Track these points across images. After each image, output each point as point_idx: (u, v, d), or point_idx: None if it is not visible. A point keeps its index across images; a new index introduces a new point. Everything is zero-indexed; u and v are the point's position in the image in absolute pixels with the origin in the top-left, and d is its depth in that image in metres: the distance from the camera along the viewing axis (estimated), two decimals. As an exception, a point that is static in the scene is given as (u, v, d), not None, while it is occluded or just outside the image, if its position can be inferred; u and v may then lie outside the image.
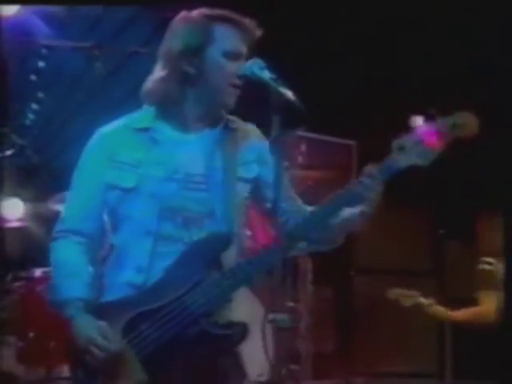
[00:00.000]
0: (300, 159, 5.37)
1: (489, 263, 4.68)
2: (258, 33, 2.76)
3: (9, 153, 5.26)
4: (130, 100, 2.85)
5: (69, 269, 2.69)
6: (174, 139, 2.76)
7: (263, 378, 4.23)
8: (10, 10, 5.52)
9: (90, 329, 2.58)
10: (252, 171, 2.78)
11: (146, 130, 2.75)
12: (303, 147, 5.45)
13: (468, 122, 2.67)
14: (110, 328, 2.58)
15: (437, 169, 2.79)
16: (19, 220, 6.63)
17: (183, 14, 2.78)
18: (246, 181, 2.76)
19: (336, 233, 2.78)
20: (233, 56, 2.72)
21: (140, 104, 2.82)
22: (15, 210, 6.76)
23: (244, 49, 2.74)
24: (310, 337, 4.85)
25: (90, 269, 2.72)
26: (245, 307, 4.23)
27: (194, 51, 2.70)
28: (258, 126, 2.86)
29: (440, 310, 4.88)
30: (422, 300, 4.83)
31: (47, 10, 6.58)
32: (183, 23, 2.77)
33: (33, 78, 6.80)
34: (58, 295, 2.68)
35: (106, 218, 2.76)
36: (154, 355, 2.57)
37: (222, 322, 2.64)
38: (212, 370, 2.64)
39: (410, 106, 2.88)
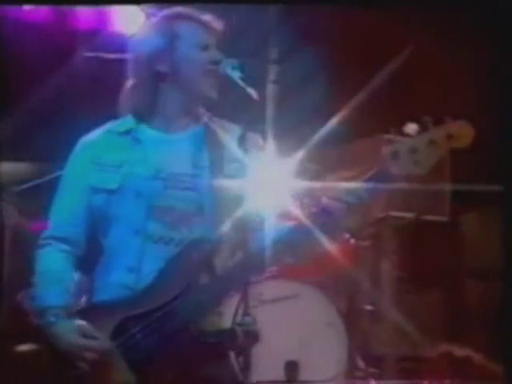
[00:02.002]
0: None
1: None
2: (219, 25, 2.82)
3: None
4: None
5: (51, 276, 2.71)
6: (156, 138, 2.79)
7: (337, 381, 4.27)
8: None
9: (68, 332, 2.58)
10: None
11: (128, 132, 2.80)
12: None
13: (463, 132, 2.62)
14: (99, 331, 2.57)
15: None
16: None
17: (145, 22, 2.91)
18: (236, 178, 2.72)
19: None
20: (202, 46, 2.77)
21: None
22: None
23: (210, 40, 2.80)
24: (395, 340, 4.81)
25: (73, 275, 2.75)
26: (318, 311, 4.34)
27: (163, 49, 2.76)
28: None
29: None
30: None
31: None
32: (146, 29, 2.87)
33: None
34: (39, 303, 2.69)
35: (94, 221, 2.76)
36: (143, 360, 2.56)
37: (212, 329, 2.63)
38: (202, 376, 2.62)
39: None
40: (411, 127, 2.68)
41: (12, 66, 6.92)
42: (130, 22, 5.86)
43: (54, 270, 2.72)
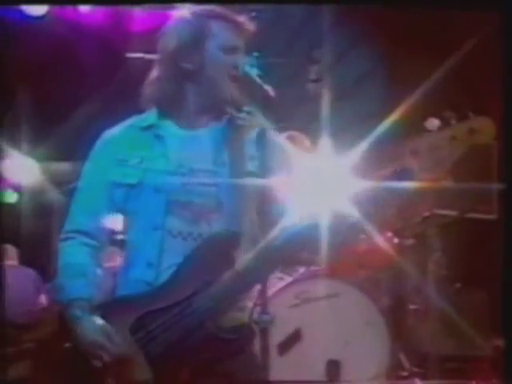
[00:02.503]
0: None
1: None
2: (252, 27, 2.79)
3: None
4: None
5: (75, 269, 2.73)
6: (177, 135, 2.78)
7: (379, 380, 4.23)
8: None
9: (94, 331, 2.61)
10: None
11: (150, 127, 2.79)
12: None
13: (485, 127, 2.57)
14: (118, 325, 2.60)
15: None
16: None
17: (176, 15, 2.85)
18: (256, 175, 2.70)
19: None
20: (230, 49, 2.75)
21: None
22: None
23: (240, 42, 2.77)
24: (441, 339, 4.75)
25: (97, 269, 2.77)
26: (359, 310, 4.32)
27: (191, 47, 2.74)
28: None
29: None
30: None
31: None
32: (176, 22, 2.83)
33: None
34: (64, 295, 2.71)
35: (116, 216, 2.79)
36: (161, 355, 2.57)
37: (230, 326, 2.61)
38: (218, 372, 2.62)
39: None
40: (432, 122, 2.65)
41: (65, 67, 7.06)
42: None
43: (77, 263, 2.74)
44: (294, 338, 4.26)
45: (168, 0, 5.81)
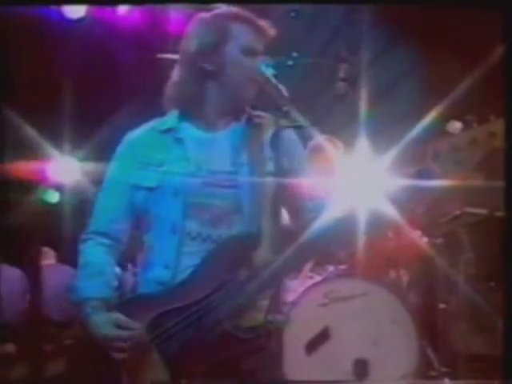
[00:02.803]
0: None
1: None
2: (273, 32, 2.81)
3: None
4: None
5: (91, 269, 2.78)
6: (197, 137, 2.81)
7: (407, 379, 4.24)
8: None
9: (104, 325, 2.65)
10: (282, 165, 2.72)
11: (169, 130, 2.82)
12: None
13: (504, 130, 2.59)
14: (137, 321, 2.62)
15: None
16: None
17: (197, 15, 2.86)
18: (276, 175, 2.70)
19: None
20: (250, 52, 2.77)
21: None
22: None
23: (260, 46, 2.79)
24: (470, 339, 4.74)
25: (114, 269, 2.82)
26: (387, 310, 4.33)
27: (211, 48, 2.77)
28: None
29: None
30: None
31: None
32: (197, 23, 2.85)
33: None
34: (77, 295, 2.76)
35: (136, 218, 2.82)
36: (177, 354, 2.59)
37: (247, 325, 2.61)
38: (234, 371, 2.62)
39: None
40: (454, 125, 2.67)
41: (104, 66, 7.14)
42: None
43: (94, 263, 2.79)
44: (323, 336, 4.29)
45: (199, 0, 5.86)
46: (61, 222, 7.99)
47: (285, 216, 2.84)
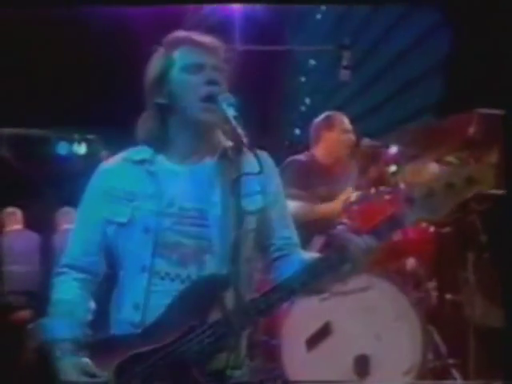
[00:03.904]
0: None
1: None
2: (220, 45, 2.76)
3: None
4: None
5: (63, 307, 2.72)
6: (169, 171, 2.75)
7: (411, 375, 4.17)
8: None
9: (71, 370, 2.61)
10: (256, 203, 2.73)
11: (142, 161, 2.76)
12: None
13: (485, 176, 2.45)
14: (104, 366, 2.58)
15: None
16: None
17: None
18: (251, 213, 2.68)
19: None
20: (194, 68, 2.70)
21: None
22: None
23: (206, 59, 2.71)
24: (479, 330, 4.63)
25: (87, 305, 2.76)
26: (389, 304, 4.24)
27: (159, 81, 2.73)
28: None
29: None
30: None
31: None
32: (152, 56, 2.80)
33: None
34: (47, 334, 2.71)
35: (109, 253, 2.77)
36: None
37: (215, 371, 2.58)
38: None
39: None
40: (432, 167, 2.58)
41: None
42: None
43: (65, 300, 2.75)
44: (324, 332, 4.24)
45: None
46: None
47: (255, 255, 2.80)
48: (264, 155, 2.73)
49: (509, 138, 2.93)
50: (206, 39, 2.75)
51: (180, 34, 2.78)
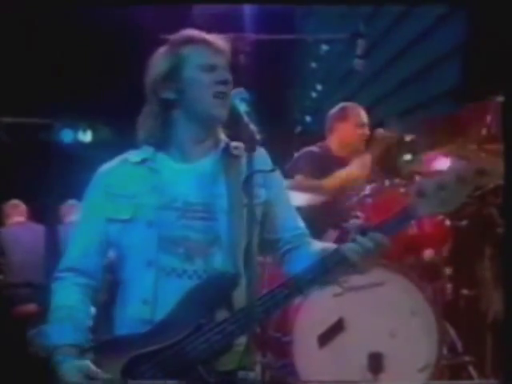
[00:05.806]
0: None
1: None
2: (227, 47, 2.84)
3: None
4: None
5: (63, 312, 2.76)
6: (172, 168, 2.82)
7: (427, 372, 4.21)
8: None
9: (72, 373, 2.65)
10: (260, 196, 2.79)
11: (144, 161, 2.83)
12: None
13: (494, 168, 2.52)
14: (110, 366, 2.64)
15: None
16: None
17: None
18: (255, 205, 2.69)
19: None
20: (208, 68, 2.77)
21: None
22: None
23: (218, 60, 2.80)
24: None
25: (88, 310, 2.81)
26: (404, 299, 4.27)
27: (167, 76, 2.79)
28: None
29: None
30: None
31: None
32: (154, 55, 2.86)
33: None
34: (48, 340, 2.75)
35: (111, 253, 2.84)
36: None
37: (221, 370, 2.65)
38: None
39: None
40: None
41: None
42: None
43: (66, 306, 2.78)
44: (337, 328, 4.27)
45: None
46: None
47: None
48: (261, 151, 2.77)
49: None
50: (218, 40, 2.83)
51: (190, 32, 2.85)
